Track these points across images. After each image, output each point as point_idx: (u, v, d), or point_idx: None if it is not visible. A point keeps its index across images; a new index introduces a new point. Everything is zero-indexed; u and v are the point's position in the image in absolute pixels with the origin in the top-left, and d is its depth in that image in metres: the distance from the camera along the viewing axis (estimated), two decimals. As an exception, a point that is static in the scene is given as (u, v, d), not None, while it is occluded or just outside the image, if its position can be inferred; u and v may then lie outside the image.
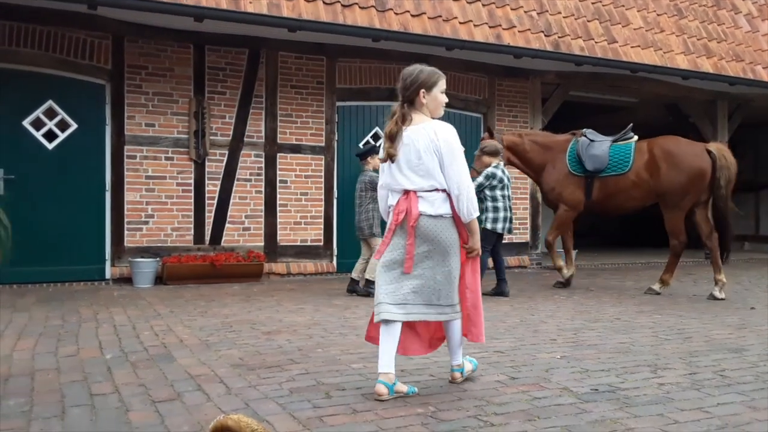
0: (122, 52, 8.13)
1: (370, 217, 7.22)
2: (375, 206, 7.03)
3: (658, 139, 7.65)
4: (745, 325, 5.53)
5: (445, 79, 3.53)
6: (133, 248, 8.15)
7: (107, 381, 3.58)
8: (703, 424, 2.96)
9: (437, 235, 3.33)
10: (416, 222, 3.29)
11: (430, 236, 3.33)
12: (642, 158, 7.45)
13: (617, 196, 7.55)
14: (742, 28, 11.88)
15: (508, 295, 7.18)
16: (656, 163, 7.40)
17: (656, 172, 7.38)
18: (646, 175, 7.40)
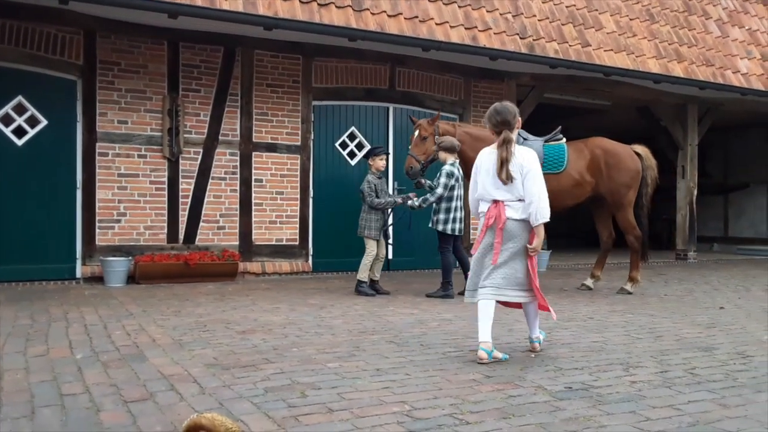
0: (94, 47, 8.01)
1: (363, 218, 7.28)
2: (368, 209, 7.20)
3: (594, 140, 7.86)
4: (715, 324, 5.63)
5: None
6: (104, 247, 8.03)
7: (78, 381, 3.52)
8: (674, 421, 3.01)
9: (520, 234, 4.18)
10: (504, 225, 4.15)
11: (515, 235, 4.17)
12: (582, 159, 7.58)
13: (554, 194, 7.54)
14: (713, 33, 12.11)
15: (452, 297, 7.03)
16: (598, 164, 7.64)
17: (599, 173, 7.63)
18: (588, 176, 7.57)
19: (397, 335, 4.92)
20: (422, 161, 7.45)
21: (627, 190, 7.72)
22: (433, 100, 9.95)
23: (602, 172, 7.63)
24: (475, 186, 4.37)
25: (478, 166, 4.39)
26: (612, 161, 7.62)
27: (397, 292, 7.59)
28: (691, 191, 13.01)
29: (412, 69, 9.88)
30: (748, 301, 7.21)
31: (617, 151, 7.78)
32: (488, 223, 4.22)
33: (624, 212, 7.76)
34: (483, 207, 4.31)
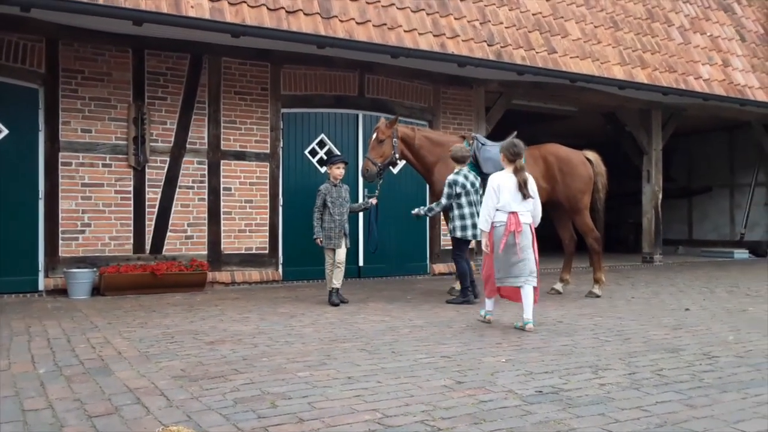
0: (57, 55, 7.86)
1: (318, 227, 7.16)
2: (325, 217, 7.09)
3: (547, 147, 7.99)
4: (681, 325, 5.72)
5: None
6: (68, 258, 7.86)
7: (40, 396, 3.42)
8: (642, 422, 3.04)
9: (528, 234, 5.59)
10: (522, 229, 5.53)
11: (527, 235, 5.57)
12: (537, 165, 7.67)
13: None
14: (675, 40, 12.38)
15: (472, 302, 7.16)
16: (552, 171, 7.78)
17: (554, 180, 7.77)
18: (543, 183, 7.63)
19: (369, 342, 4.90)
20: (379, 164, 7.46)
21: (582, 195, 7.88)
22: (403, 107, 9.97)
23: (557, 179, 7.77)
24: (495, 201, 5.62)
25: (499, 186, 5.62)
26: (566, 168, 7.77)
27: (368, 299, 7.57)
28: (656, 195, 13.25)
29: (381, 76, 9.89)
30: (712, 302, 7.35)
31: (570, 158, 7.92)
32: (510, 228, 5.51)
33: (581, 216, 7.91)
34: (501, 217, 5.57)
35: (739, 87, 12.65)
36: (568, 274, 8.22)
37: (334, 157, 7.69)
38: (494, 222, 5.63)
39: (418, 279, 9.89)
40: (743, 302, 7.32)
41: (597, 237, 7.97)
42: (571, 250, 8.30)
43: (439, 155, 7.63)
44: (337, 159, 7.42)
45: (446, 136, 8.56)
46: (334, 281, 7.08)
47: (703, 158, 16.89)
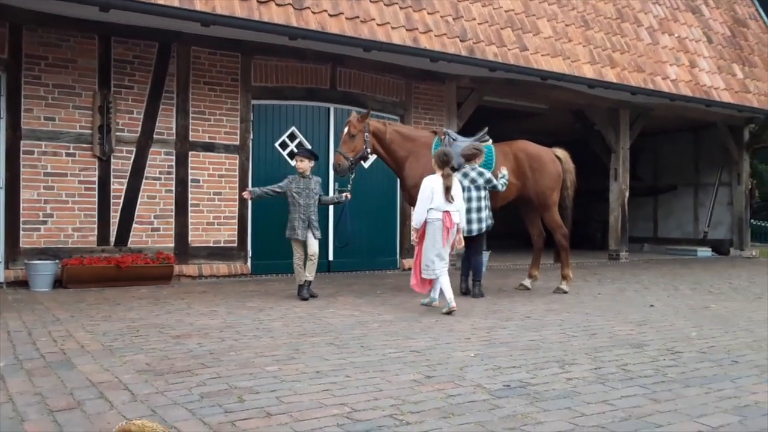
0: (20, 41, 7.65)
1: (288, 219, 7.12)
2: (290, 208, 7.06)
3: (517, 144, 8.03)
4: (646, 321, 5.82)
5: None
6: (29, 249, 7.66)
7: (0, 390, 3.33)
8: (608, 416, 3.07)
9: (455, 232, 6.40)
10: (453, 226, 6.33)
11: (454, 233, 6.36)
12: (507, 161, 7.70)
13: None
14: (644, 40, 12.56)
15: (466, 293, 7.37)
16: (523, 168, 7.82)
17: (524, 177, 7.81)
18: (514, 179, 7.69)
19: (338, 337, 4.87)
20: (351, 158, 7.42)
21: (551, 192, 7.95)
22: (375, 101, 9.94)
23: (527, 176, 7.81)
24: (429, 202, 6.31)
25: (432, 189, 6.30)
26: (536, 165, 7.80)
27: (337, 293, 7.54)
28: (623, 193, 13.45)
29: (353, 69, 9.84)
30: (676, 299, 7.49)
31: (540, 155, 7.97)
32: (447, 225, 6.30)
33: (550, 212, 7.98)
34: (437, 215, 6.30)
35: (705, 88, 12.90)
36: (536, 270, 8.29)
37: (300, 150, 7.62)
38: (428, 219, 6.32)
39: (388, 274, 9.89)
40: (706, 299, 7.48)
41: (565, 233, 8.05)
42: (539, 246, 8.37)
43: (410, 150, 7.62)
44: (300, 152, 7.34)
45: (417, 131, 8.56)
46: (307, 274, 7.02)
47: (670, 157, 17.20)
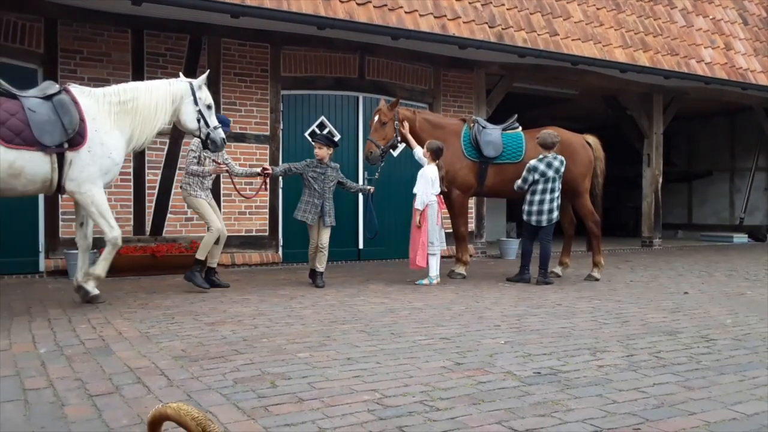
0: (56, 35, 7.81)
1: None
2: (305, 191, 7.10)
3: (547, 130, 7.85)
4: (679, 309, 5.74)
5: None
6: (68, 240, 7.84)
7: (41, 375, 3.44)
8: (640, 403, 3.06)
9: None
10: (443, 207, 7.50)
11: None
12: (537, 149, 7.55)
13: (513, 183, 7.55)
14: (677, 22, 12.29)
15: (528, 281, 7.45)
16: None
17: None
18: None
19: (368, 324, 4.92)
20: (382, 146, 7.46)
21: (583, 178, 7.87)
22: (403, 90, 9.93)
23: None
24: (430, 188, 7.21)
25: (434, 177, 7.22)
26: (566, 152, 7.66)
27: (367, 281, 7.59)
28: (657, 179, 13.23)
29: (381, 58, 9.83)
30: (711, 286, 7.37)
31: (571, 141, 7.88)
32: (442, 207, 7.40)
33: (582, 199, 7.90)
34: (433, 198, 7.22)
35: (741, 71, 12.59)
36: (567, 257, 8.23)
37: (318, 136, 7.63)
38: (429, 202, 7.15)
39: (418, 262, 9.89)
40: (741, 286, 7.34)
41: (597, 221, 7.97)
42: (570, 233, 8.30)
43: (439, 138, 7.61)
44: (318, 138, 7.33)
45: (446, 118, 8.55)
46: (318, 265, 7.08)
47: (704, 142, 16.85)
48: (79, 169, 5.40)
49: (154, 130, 5.89)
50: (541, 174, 7.17)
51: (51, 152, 5.25)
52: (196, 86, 6.09)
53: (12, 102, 5.19)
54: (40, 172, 5.26)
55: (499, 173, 7.76)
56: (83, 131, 5.36)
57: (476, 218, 10.85)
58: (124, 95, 5.69)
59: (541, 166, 7.18)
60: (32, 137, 5.14)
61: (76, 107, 5.37)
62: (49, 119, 5.23)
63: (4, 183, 5.14)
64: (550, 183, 7.18)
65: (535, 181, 7.19)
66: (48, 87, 5.48)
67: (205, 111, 6.09)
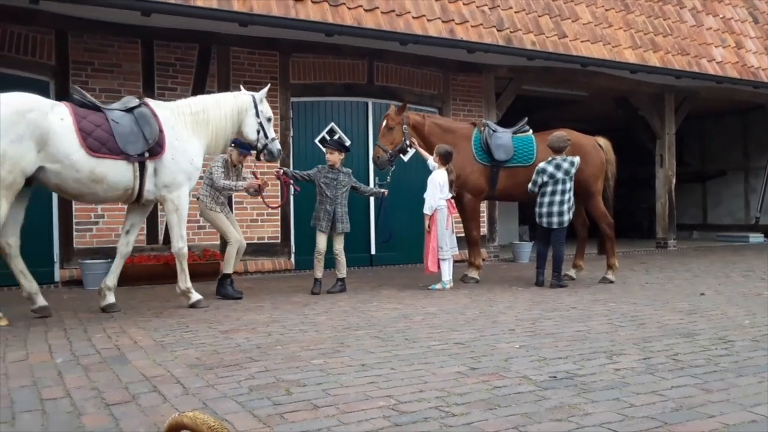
0: (66, 47, 7.89)
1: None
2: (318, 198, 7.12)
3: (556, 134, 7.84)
4: (696, 310, 5.69)
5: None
6: (82, 250, 7.92)
7: (58, 385, 3.46)
8: (658, 407, 3.02)
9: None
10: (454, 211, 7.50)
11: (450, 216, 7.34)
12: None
13: (525, 186, 7.51)
14: (687, 22, 12.22)
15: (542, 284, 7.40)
16: None
17: None
18: None
19: (382, 330, 4.91)
20: (389, 151, 7.46)
21: (595, 180, 7.82)
22: (412, 94, 9.93)
23: None
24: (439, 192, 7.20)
25: (443, 181, 7.21)
26: (578, 153, 7.59)
27: (380, 287, 7.58)
28: (670, 180, 13.14)
29: (390, 63, 9.85)
30: (728, 286, 7.30)
31: (582, 143, 7.83)
32: (452, 212, 7.35)
33: (594, 201, 7.84)
34: (443, 202, 7.19)
35: (753, 69, 12.49)
36: (581, 260, 8.18)
37: (330, 141, 7.65)
38: (438, 206, 7.15)
39: (430, 266, 9.87)
40: (759, 286, 7.27)
41: (610, 222, 7.92)
42: (583, 235, 8.26)
43: (450, 142, 7.60)
44: (330, 143, 7.35)
45: (456, 122, 8.54)
46: (338, 272, 7.14)
47: (717, 142, 16.72)
48: (170, 177, 5.83)
49: (227, 140, 6.31)
50: (549, 176, 7.15)
51: (134, 161, 5.60)
52: (258, 99, 6.41)
53: (97, 114, 5.57)
54: (123, 180, 5.63)
55: (511, 176, 7.74)
56: (162, 141, 5.76)
57: (488, 222, 10.82)
58: (194, 107, 6.09)
59: (550, 168, 7.16)
60: (117, 147, 5.51)
61: (155, 119, 5.75)
62: (132, 130, 5.61)
63: (87, 188, 5.52)
64: (560, 185, 7.14)
65: (545, 183, 7.17)
66: (129, 101, 5.89)
67: (265, 123, 6.42)
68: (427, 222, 7.24)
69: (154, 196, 5.88)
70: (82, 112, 5.50)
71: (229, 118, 6.20)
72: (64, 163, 5.31)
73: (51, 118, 5.27)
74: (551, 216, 7.18)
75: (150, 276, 7.81)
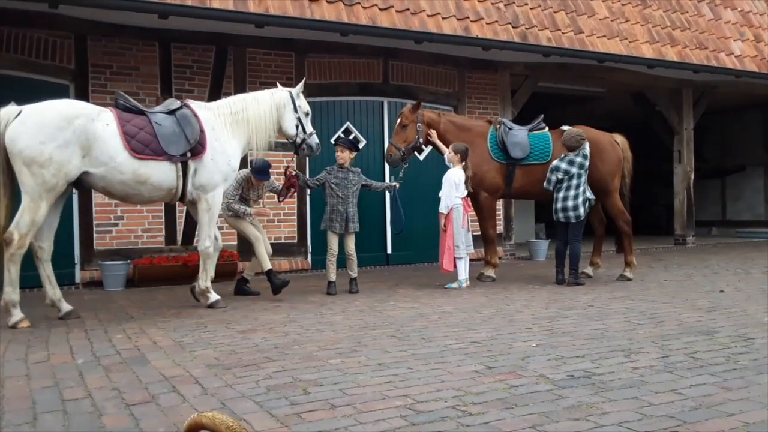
0: (85, 51, 7.98)
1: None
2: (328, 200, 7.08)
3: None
4: (715, 308, 5.63)
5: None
6: (102, 251, 8.01)
7: (79, 386, 3.51)
8: (677, 405, 3.01)
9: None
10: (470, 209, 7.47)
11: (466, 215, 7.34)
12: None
13: (541, 183, 7.47)
14: (705, 16, 12.08)
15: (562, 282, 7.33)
16: None
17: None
18: None
19: (398, 329, 4.92)
20: (402, 149, 7.47)
21: (612, 177, 7.77)
22: (428, 93, 9.92)
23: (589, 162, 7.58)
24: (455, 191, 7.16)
25: (459, 180, 7.17)
26: (595, 150, 7.56)
27: (397, 286, 7.59)
28: (688, 176, 13.01)
29: (405, 62, 9.84)
30: (747, 283, 7.22)
31: (599, 140, 7.78)
32: (468, 210, 7.33)
33: (612, 198, 7.80)
34: (458, 201, 7.17)
35: (773, 63, 12.32)
36: (598, 257, 8.13)
37: (341, 139, 7.65)
38: (455, 205, 7.13)
39: (447, 265, 9.87)
40: (780, 283, 7.18)
41: (628, 220, 7.86)
42: (600, 233, 8.21)
43: (465, 140, 7.58)
44: (341, 141, 7.35)
45: (472, 120, 8.53)
46: (350, 272, 7.15)
47: (736, 137, 16.50)
48: (207, 177, 5.96)
49: (268, 137, 6.41)
50: (564, 172, 7.14)
51: (176, 161, 5.76)
52: (295, 94, 6.54)
53: (140, 118, 5.76)
54: (166, 180, 5.79)
55: (527, 174, 7.71)
56: (203, 141, 5.91)
57: (504, 220, 10.78)
58: (234, 107, 6.24)
59: (563, 165, 7.14)
60: (160, 148, 5.68)
61: (196, 120, 5.90)
62: (174, 131, 5.78)
63: (132, 189, 5.70)
64: (575, 179, 7.13)
65: (560, 180, 7.15)
66: (171, 103, 6.07)
67: (303, 118, 6.55)
68: (443, 221, 7.24)
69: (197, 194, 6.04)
70: (126, 116, 5.68)
71: (268, 114, 6.33)
72: (109, 165, 5.49)
73: (96, 124, 5.47)
74: (567, 211, 7.16)
75: (169, 276, 7.88)
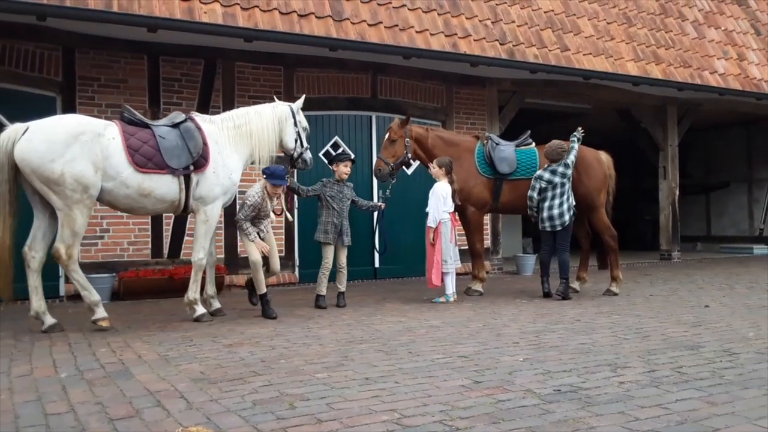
0: (73, 63, 7.96)
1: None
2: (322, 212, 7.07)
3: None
4: (700, 322, 5.67)
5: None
6: (87, 264, 7.91)
7: (62, 400, 3.47)
8: (662, 420, 3.02)
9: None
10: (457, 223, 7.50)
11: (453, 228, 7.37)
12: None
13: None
14: (689, 34, 12.27)
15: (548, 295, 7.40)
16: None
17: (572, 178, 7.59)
18: None
19: (386, 343, 4.91)
20: (391, 164, 7.49)
21: (598, 192, 7.83)
22: (416, 108, 9.97)
23: (575, 178, 7.64)
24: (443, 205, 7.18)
25: (447, 193, 7.21)
26: (581, 166, 7.66)
27: (384, 300, 7.58)
28: (673, 191, 13.13)
29: (393, 77, 9.90)
30: (732, 298, 7.28)
31: (585, 156, 7.86)
32: (455, 224, 7.34)
33: (598, 213, 7.86)
34: (447, 216, 7.18)
35: (756, 81, 12.52)
36: (585, 272, 8.17)
37: (342, 154, 7.64)
38: (442, 219, 7.14)
39: (434, 279, 9.87)
40: (763, 298, 7.24)
41: (614, 235, 7.91)
42: (586, 247, 8.26)
43: (453, 155, 7.62)
44: (344, 156, 7.38)
45: (460, 136, 8.58)
46: (339, 285, 7.12)
47: (721, 153, 16.71)
48: (207, 189, 6.02)
49: (270, 151, 6.48)
50: (547, 181, 7.23)
51: (179, 174, 5.81)
52: (296, 109, 6.65)
53: (144, 131, 5.80)
54: (169, 193, 5.86)
55: (514, 189, 7.76)
56: (206, 154, 5.97)
57: (492, 235, 10.82)
58: (237, 120, 6.31)
59: (546, 174, 7.25)
60: (163, 162, 5.72)
61: (200, 133, 5.96)
62: (177, 145, 5.83)
63: (136, 202, 5.80)
64: (558, 188, 7.23)
65: (543, 189, 7.24)
66: (175, 116, 6.10)
67: (302, 132, 6.65)
68: (431, 235, 7.26)
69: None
70: (130, 130, 5.73)
71: (270, 128, 6.43)
72: (116, 180, 5.58)
73: (102, 140, 5.52)
74: (553, 219, 7.24)
75: (154, 290, 7.82)
